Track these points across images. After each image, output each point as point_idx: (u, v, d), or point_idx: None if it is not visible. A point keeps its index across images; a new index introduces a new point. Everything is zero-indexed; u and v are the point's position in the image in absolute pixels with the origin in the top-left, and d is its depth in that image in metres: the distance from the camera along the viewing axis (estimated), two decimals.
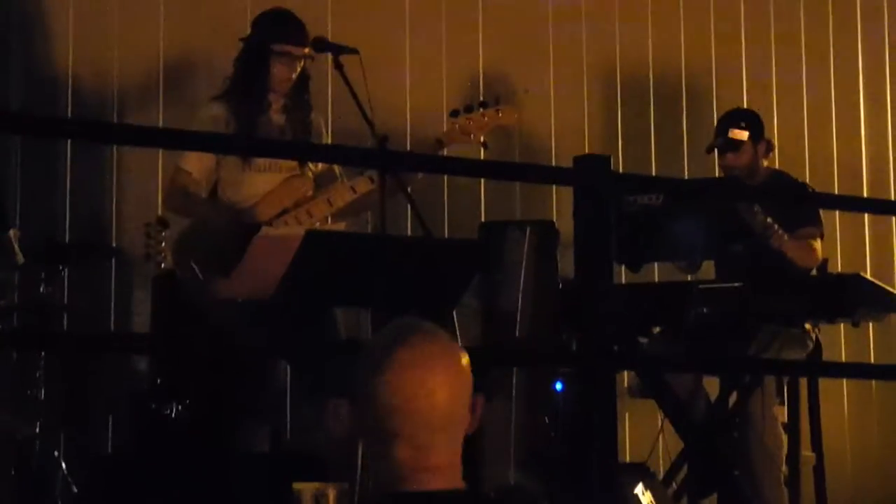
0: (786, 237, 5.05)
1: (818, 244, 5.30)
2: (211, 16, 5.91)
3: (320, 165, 4.96)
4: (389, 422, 2.18)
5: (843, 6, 7.46)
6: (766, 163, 5.55)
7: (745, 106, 6.44)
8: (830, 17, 7.43)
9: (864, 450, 7.11)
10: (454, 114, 4.79)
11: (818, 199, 5.66)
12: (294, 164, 4.85)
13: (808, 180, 6.97)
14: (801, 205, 5.38)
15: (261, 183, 4.81)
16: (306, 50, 4.85)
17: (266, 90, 4.88)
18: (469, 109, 4.78)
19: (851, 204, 5.96)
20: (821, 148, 7.31)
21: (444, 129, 4.83)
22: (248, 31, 4.97)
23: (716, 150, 5.56)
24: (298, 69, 4.89)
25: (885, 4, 7.61)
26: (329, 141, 5.17)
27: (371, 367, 2.21)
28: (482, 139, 4.81)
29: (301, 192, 4.84)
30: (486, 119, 4.78)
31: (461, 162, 4.45)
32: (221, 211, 4.81)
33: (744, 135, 5.44)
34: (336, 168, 4.96)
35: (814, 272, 5.34)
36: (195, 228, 4.80)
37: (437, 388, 2.19)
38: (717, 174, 5.79)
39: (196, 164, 4.83)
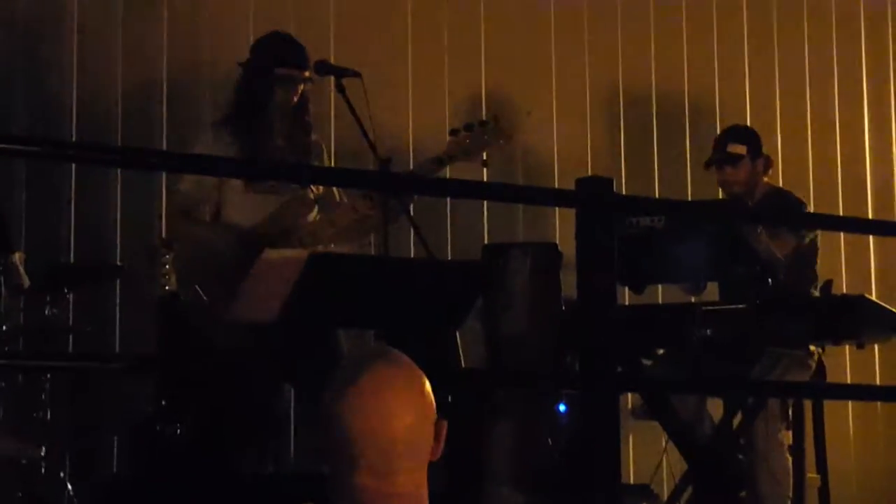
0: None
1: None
2: (214, 39, 5.94)
3: (321, 188, 4.96)
4: (352, 447, 2.18)
5: (847, 27, 7.47)
6: (766, 179, 5.57)
7: (748, 125, 6.45)
8: (834, 37, 7.45)
9: (869, 471, 7.10)
10: (454, 132, 4.80)
11: (822, 221, 5.65)
12: (296, 185, 4.86)
13: (811, 200, 6.99)
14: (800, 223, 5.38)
15: (263, 205, 4.81)
16: (307, 73, 4.87)
17: (268, 114, 4.88)
18: (469, 128, 4.79)
19: (856, 225, 5.95)
20: (824, 167, 7.32)
21: (445, 146, 4.84)
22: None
23: (714, 166, 5.57)
24: (300, 92, 4.90)
25: (890, 25, 7.62)
26: (332, 163, 5.18)
27: (335, 392, 2.21)
28: (483, 157, 4.83)
29: (303, 213, 4.85)
30: (485, 137, 4.80)
31: (464, 184, 4.45)
32: (224, 233, 4.82)
33: (742, 149, 5.47)
34: (336, 191, 4.97)
35: (816, 292, 5.34)
36: (198, 250, 4.80)
37: (399, 413, 2.19)
38: (718, 191, 5.80)
39: (195, 184, 4.83)
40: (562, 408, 4.98)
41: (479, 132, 4.78)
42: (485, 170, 5.13)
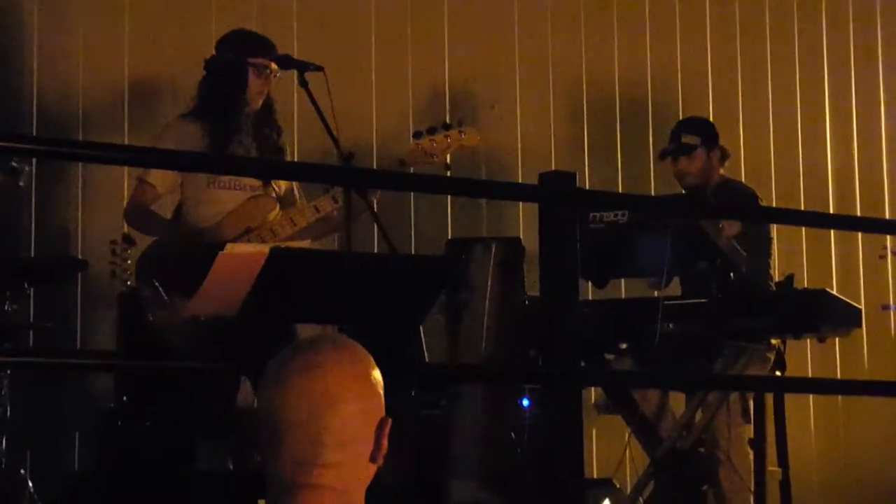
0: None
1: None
2: (176, 37, 5.91)
3: (283, 187, 4.96)
4: (276, 432, 1.97)
5: (809, 19, 7.51)
6: (722, 171, 5.60)
7: (711, 119, 6.47)
8: (796, 30, 7.48)
9: (830, 464, 7.14)
10: (417, 135, 4.81)
11: (784, 216, 5.68)
12: (258, 183, 4.86)
13: (773, 193, 7.02)
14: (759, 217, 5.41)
15: (224, 201, 4.81)
16: (275, 67, 4.88)
17: (240, 107, 4.87)
18: (432, 131, 4.80)
19: (816, 220, 5.98)
20: (786, 161, 7.35)
21: (408, 150, 4.84)
22: (213, 53, 4.97)
23: (670, 157, 5.60)
24: (269, 84, 4.90)
25: (851, 14, 7.65)
26: (295, 160, 5.17)
27: (270, 373, 2.02)
28: (445, 160, 4.84)
29: (265, 211, 4.85)
30: (448, 141, 4.81)
31: (427, 179, 4.45)
32: (183, 230, 4.80)
33: (695, 139, 5.51)
34: (296, 190, 4.97)
35: (772, 284, 5.36)
36: (158, 246, 4.79)
37: (332, 400, 1.97)
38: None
39: (160, 177, 4.83)
40: (525, 402, 4.98)
41: (442, 135, 4.78)
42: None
